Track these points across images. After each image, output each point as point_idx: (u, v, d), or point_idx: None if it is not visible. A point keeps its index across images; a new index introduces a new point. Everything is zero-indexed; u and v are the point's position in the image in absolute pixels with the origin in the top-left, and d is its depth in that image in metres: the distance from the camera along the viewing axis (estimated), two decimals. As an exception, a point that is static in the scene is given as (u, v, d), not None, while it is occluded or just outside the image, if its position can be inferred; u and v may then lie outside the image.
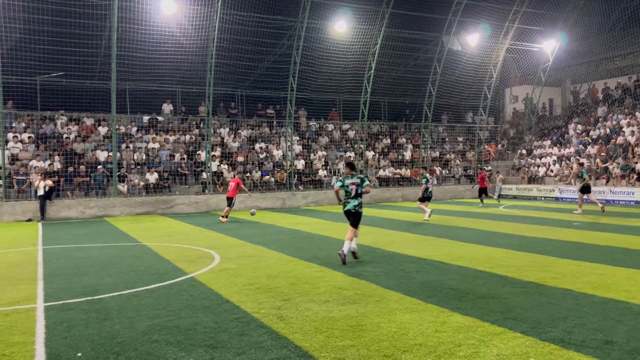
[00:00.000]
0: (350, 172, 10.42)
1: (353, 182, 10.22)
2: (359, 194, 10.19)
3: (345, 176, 10.48)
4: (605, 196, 24.58)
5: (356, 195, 10.18)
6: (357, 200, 10.19)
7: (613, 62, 31.80)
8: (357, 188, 10.17)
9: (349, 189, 10.23)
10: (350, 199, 10.21)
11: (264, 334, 5.75)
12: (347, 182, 10.28)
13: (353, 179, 10.25)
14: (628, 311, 6.34)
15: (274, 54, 28.11)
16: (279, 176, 26.33)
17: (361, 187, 10.18)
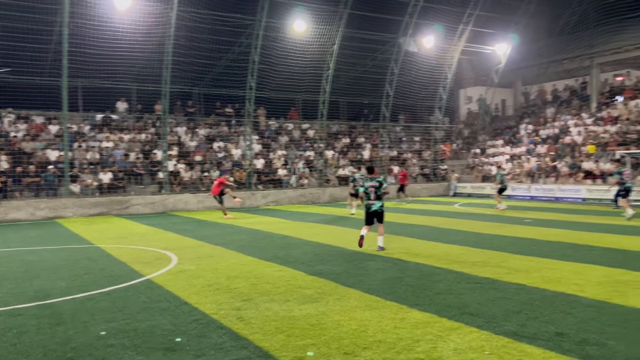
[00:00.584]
0: (369, 176, 11.33)
1: (372, 184, 11.07)
2: (378, 195, 11.04)
3: (365, 179, 11.42)
4: (554, 193, 25.53)
5: (377, 197, 11.05)
6: (380, 201, 11.08)
7: (561, 64, 33.04)
8: (376, 190, 11.03)
9: (369, 191, 11.10)
10: (372, 201, 11.07)
11: (224, 335, 5.70)
12: (366, 185, 11.18)
13: (372, 182, 11.10)
14: (577, 304, 6.61)
15: (232, 52, 27.82)
16: (237, 175, 26.10)
17: (380, 189, 11.03)
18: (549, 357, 4.82)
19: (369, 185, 11.11)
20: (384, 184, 11.15)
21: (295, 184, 27.46)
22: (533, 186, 26.93)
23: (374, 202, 11.06)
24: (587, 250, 10.63)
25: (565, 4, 31.93)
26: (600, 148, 25.79)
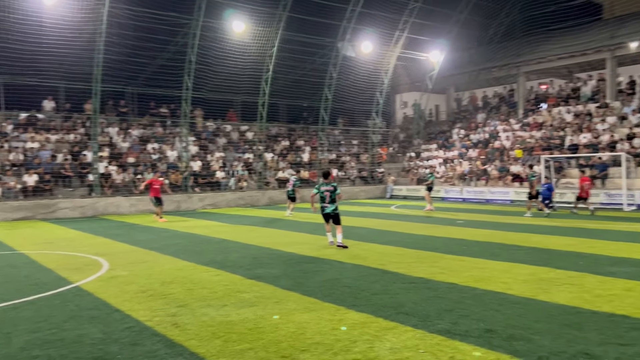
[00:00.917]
0: (325, 180, 11.97)
1: (327, 189, 11.78)
2: (333, 199, 11.74)
3: (320, 184, 12.00)
4: (484, 196, 26.64)
5: (331, 200, 11.75)
6: (334, 204, 11.79)
7: (490, 72, 34.57)
8: (330, 194, 11.74)
9: (324, 194, 11.78)
10: (327, 204, 11.78)
11: (158, 343, 5.53)
12: (322, 189, 11.84)
13: (327, 187, 11.80)
14: (505, 301, 6.91)
15: (168, 52, 27.13)
16: (173, 178, 25.45)
17: (334, 193, 11.74)
18: (479, 353, 5.01)
19: (324, 189, 11.77)
20: (338, 189, 11.86)
21: (233, 187, 27.13)
22: (465, 189, 27.99)
23: (328, 205, 11.78)
24: (514, 250, 11.15)
25: (494, 15, 33.50)
26: (527, 152, 27.18)
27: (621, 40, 27.46)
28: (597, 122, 25.83)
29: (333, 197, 11.76)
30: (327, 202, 11.80)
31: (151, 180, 20.06)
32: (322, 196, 11.84)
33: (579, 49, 29.23)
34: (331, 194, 11.76)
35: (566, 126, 27.02)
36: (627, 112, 25.72)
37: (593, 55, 29.04)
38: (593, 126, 25.64)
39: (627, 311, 6.28)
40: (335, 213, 11.80)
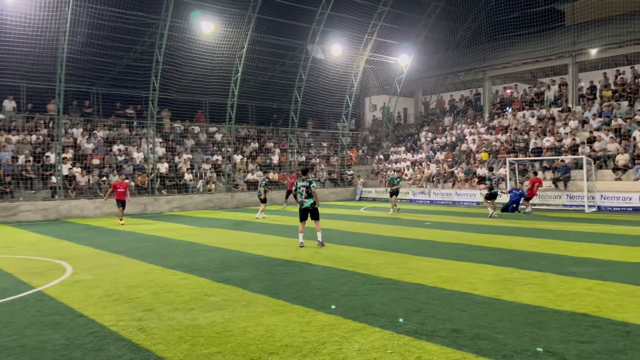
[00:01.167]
0: (303, 177, 12.53)
1: (303, 184, 12.27)
2: (309, 194, 12.18)
3: (298, 179, 12.58)
4: (451, 198, 27.06)
5: (307, 195, 12.18)
6: (311, 199, 12.21)
7: (457, 76, 35.21)
8: (306, 189, 12.19)
9: (300, 190, 12.28)
10: (304, 199, 12.24)
11: (123, 347, 5.43)
12: (299, 184, 12.36)
13: (304, 182, 12.28)
14: (471, 301, 7.04)
15: (134, 51, 26.67)
16: (140, 180, 25.01)
17: (309, 188, 12.16)
18: (446, 353, 5.09)
19: (300, 185, 12.30)
20: (313, 183, 12.33)
21: (201, 189, 26.83)
22: (432, 191, 28.38)
23: (305, 200, 12.24)
24: (480, 251, 11.37)
25: (461, 20, 34.12)
26: (492, 155, 27.75)
27: (582, 46, 28.34)
28: (560, 126, 26.57)
29: (309, 192, 12.20)
30: (304, 197, 12.24)
31: (115, 183, 19.47)
32: (299, 192, 12.32)
33: (543, 55, 30.04)
34: (306, 188, 12.20)
35: (530, 130, 27.70)
36: (588, 116, 26.53)
37: (556, 60, 29.88)
38: (556, 130, 26.36)
39: (587, 309, 6.48)
40: (313, 207, 12.23)
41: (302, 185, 12.30)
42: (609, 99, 26.92)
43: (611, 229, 14.92)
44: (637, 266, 9.24)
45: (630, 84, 26.76)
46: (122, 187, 19.18)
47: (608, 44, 27.27)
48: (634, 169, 21.74)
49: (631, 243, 12.06)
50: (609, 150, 23.24)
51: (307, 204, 12.26)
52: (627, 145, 22.73)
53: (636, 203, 20.47)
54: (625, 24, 26.58)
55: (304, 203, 12.28)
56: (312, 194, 12.22)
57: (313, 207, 12.26)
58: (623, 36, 26.62)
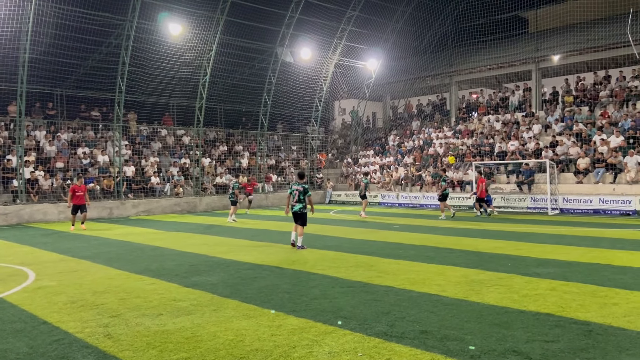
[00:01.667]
0: (298, 181, 12.68)
1: (297, 188, 12.40)
2: (301, 199, 12.35)
3: (294, 183, 12.76)
4: (419, 201, 27.42)
5: (299, 199, 12.35)
6: (301, 203, 12.38)
7: (425, 81, 35.73)
8: (299, 194, 12.34)
9: (294, 193, 12.43)
10: (294, 202, 12.40)
11: (90, 355, 5.30)
12: (293, 188, 12.50)
13: (298, 186, 12.42)
14: (439, 303, 7.14)
15: (99, 53, 26.15)
16: (105, 183, 24.50)
17: (303, 194, 12.35)
18: (415, 355, 5.15)
19: (295, 188, 12.48)
20: (308, 191, 12.47)
21: (169, 193, 26.45)
22: (400, 194, 28.70)
23: (295, 204, 12.42)
24: (447, 253, 11.55)
25: (428, 25, 34.66)
26: (459, 159, 28.25)
27: (545, 53, 29.16)
28: (524, 131, 27.24)
29: (301, 197, 12.36)
30: (295, 200, 12.42)
31: (73, 187, 18.62)
32: (292, 195, 12.53)
33: (507, 61, 30.78)
34: (300, 193, 12.36)
35: (495, 134, 28.31)
36: (550, 121, 27.29)
37: (520, 66, 30.65)
38: (520, 134, 27.01)
39: (551, 309, 6.65)
40: (302, 212, 12.36)
41: (296, 189, 12.45)
42: (570, 104, 27.76)
43: (573, 231, 15.37)
44: (597, 267, 9.55)
45: (591, 90, 27.66)
46: (81, 190, 18.51)
47: (569, 50, 28.15)
48: (594, 172, 22.46)
49: (592, 244, 12.45)
50: (571, 154, 23.96)
51: (296, 207, 12.40)
52: (588, 150, 23.48)
53: (596, 205, 21.16)
54: (586, 32, 27.50)
55: (294, 207, 12.43)
56: (305, 199, 12.39)
57: (301, 211, 12.37)
58: (583, 43, 27.52)
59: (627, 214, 20.12)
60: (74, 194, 18.36)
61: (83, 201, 18.48)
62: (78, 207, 18.45)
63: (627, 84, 26.44)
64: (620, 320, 6.14)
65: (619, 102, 25.89)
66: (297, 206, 12.40)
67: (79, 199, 18.39)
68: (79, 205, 18.44)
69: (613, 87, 26.91)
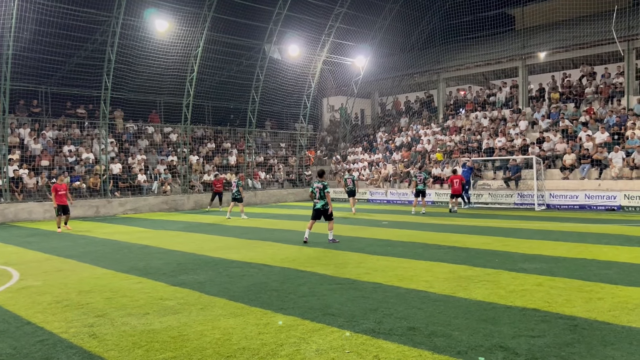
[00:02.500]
0: (319, 179, 13.19)
1: (317, 186, 12.92)
2: (322, 196, 12.79)
3: (314, 181, 13.21)
4: (407, 197, 27.47)
5: (320, 196, 12.79)
6: (323, 200, 12.81)
7: (412, 78, 35.80)
8: (320, 191, 12.83)
9: (315, 190, 12.96)
10: (317, 200, 12.87)
11: (74, 355, 5.24)
12: (314, 185, 13.02)
13: (318, 184, 12.94)
14: (427, 299, 7.16)
15: (85, 50, 25.87)
16: (91, 182, 24.26)
17: (323, 191, 12.82)
18: (403, 351, 5.15)
19: (315, 186, 12.97)
20: (327, 187, 12.92)
21: (156, 191, 26.27)
22: (389, 190, 28.75)
23: (318, 201, 12.86)
24: (435, 249, 11.59)
25: (416, 22, 34.73)
26: (447, 155, 28.36)
27: (531, 50, 29.34)
28: (511, 127, 27.41)
29: (322, 194, 12.80)
30: (317, 198, 12.86)
31: (55, 186, 17.60)
32: (313, 192, 12.99)
33: (494, 58, 30.93)
34: (320, 190, 12.82)
35: (483, 130, 28.46)
36: (537, 117, 27.48)
37: (506, 63, 30.82)
38: (507, 131, 27.17)
39: (537, 305, 6.70)
40: (325, 209, 12.80)
41: (317, 187, 12.93)
42: (556, 100, 27.98)
43: (559, 227, 15.51)
44: (583, 262, 9.63)
45: (577, 87, 27.89)
46: (62, 189, 17.53)
47: (555, 47, 28.34)
48: (580, 168, 22.67)
49: (578, 240, 12.56)
50: (557, 151, 24.16)
51: (318, 204, 12.85)
52: (574, 146, 23.68)
53: (582, 201, 21.36)
54: (571, 29, 27.70)
55: (317, 204, 12.91)
56: (325, 196, 12.79)
57: (324, 208, 12.80)
58: (569, 40, 27.73)
59: (612, 209, 20.34)
60: (57, 194, 17.42)
61: (66, 201, 17.56)
62: (62, 207, 17.50)
63: (612, 81, 26.70)
64: (606, 314, 6.20)
65: (604, 98, 26.14)
66: (320, 203, 12.83)
67: (62, 198, 17.49)
68: (63, 206, 17.50)
69: (598, 84, 27.17)
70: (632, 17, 25.49)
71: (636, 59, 26.43)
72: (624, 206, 20.09)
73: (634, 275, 8.34)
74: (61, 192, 17.46)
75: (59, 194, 17.43)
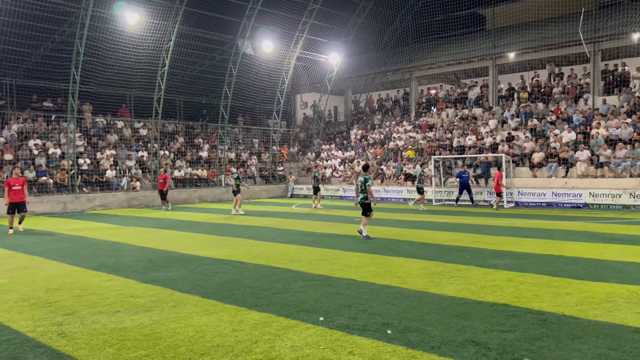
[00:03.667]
0: (363, 173, 13.61)
1: (361, 179, 13.31)
2: (363, 189, 13.18)
3: (360, 174, 13.73)
4: (380, 194, 27.67)
5: (362, 190, 13.19)
6: (363, 194, 13.18)
7: (385, 76, 36.02)
8: (361, 185, 13.24)
9: (359, 184, 13.32)
10: (359, 193, 13.28)
11: (42, 355, 5.11)
12: (359, 179, 13.42)
13: (361, 178, 13.33)
14: (400, 295, 7.22)
15: (52, 41, 25.17)
16: (58, 177, 23.67)
17: (364, 184, 13.16)
18: (377, 347, 5.19)
19: (360, 180, 13.36)
20: (368, 181, 13.29)
21: (126, 187, 25.79)
22: (362, 187, 28.84)
23: (360, 194, 13.23)
24: (408, 245, 11.70)
25: (389, 21, 34.93)
26: (418, 153, 28.65)
27: (501, 50, 29.84)
28: (481, 125, 27.85)
29: (362, 188, 13.15)
30: (360, 191, 13.26)
31: (9, 180, 15.54)
32: (359, 186, 13.37)
33: (465, 57, 31.35)
34: (361, 184, 13.18)
35: (454, 129, 28.85)
36: (506, 116, 28.00)
37: (477, 63, 31.28)
38: (477, 129, 27.61)
39: (508, 300, 6.83)
40: (364, 203, 13.14)
41: (360, 180, 13.33)
42: (525, 100, 28.55)
43: (528, 223, 15.85)
44: (551, 258, 9.87)
45: (545, 87, 28.51)
46: (18, 184, 15.41)
47: (525, 48, 28.89)
48: (548, 166, 23.20)
49: (546, 236, 12.86)
50: (526, 149, 24.66)
51: (359, 198, 13.26)
52: (542, 144, 24.21)
53: (550, 199, 21.87)
54: (540, 30, 28.28)
55: (359, 197, 13.31)
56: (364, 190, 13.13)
57: (362, 202, 13.14)
58: (538, 41, 28.30)
59: (578, 206, 20.88)
60: (11, 189, 15.34)
61: (22, 197, 15.49)
62: (16, 205, 15.43)
63: (579, 81, 27.38)
64: (573, 309, 6.36)
65: (571, 98, 26.80)
66: (360, 197, 13.23)
67: (17, 194, 15.37)
68: (16, 203, 15.42)
69: (565, 84, 27.83)
70: (598, 20, 26.18)
71: (601, 60, 27.17)
72: (589, 204, 20.64)
73: (599, 270, 8.59)
74: (15, 188, 15.38)
75: (12, 189, 15.35)
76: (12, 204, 15.40)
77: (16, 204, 15.44)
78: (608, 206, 20.21)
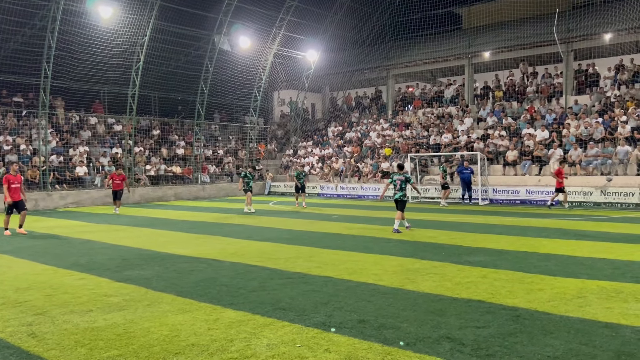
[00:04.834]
0: (399, 171, 14.04)
1: (399, 178, 13.70)
2: (402, 187, 13.62)
3: (394, 173, 14.21)
4: (357, 192, 27.79)
5: (401, 188, 13.60)
6: (402, 192, 13.60)
7: (363, 74, 36.12)
8: (401, 183, 13.63)
9: (395, 182, 13.72)
10: (397, 191, 13.60)
11: (12, 356, 4.98)
12: (395, 178, 13.83)
13: (400, 176, 13.75)
14: (376, 292, 7.25)
15: (23, 35, 24.57)
16: (29, 174, 23.13)
17: (405, 183, 13.67)
18: (353, 344, 5.19)
19: (396, 178, 13.75)
20: (411, 179, 13.91)
21: (99, 184, 25.35)
22: (339, 185, 28.96)
23: (398, 192, 13.58)
24: (384, 243, 11.76)
25: (366, 18, 35.03)
26: (395, 151, 28.82)
27: (477, 49, 30.19)
28: (457, 124, 28.15)
29: (403, 185, 13.61)
30: (397, 189, 13.61)
31: (7, 176, 14.28)
32: (394, 184, 13.72)
33: (441, 56, 31.64)
34: (402, 182, 13.63)
35: (430, 127, 29.09)
36: (482, 114, 28.35)
37: (453, 61, 31.59)
38: (453, 127, 27.89)
39: (482, 296, 6.91)
40: (402, 200, 13.53)
41: (398, 179, 13.70)
42: (500, 99, 28.95)
43: (502, 220, 16.08)
44: (525, 254, 10.02)
45: (519, 86, 28.95)
46: (17, 181, 14.18)
47: (500, 47, 29.29)
48: (522, 164, 23.58)
49: (519, 233, 13.06)
50: (500, 147, 25.01)
51: (397, 195, 13.56)
52: (516, 142, 24.59)
53: (523, 196, 22.23)
54: (515, 30, 28.69)
55: (396, 195, 13.62)
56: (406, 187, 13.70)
57: (402, 199, 13.50)
58: (513, 41, 28.72)
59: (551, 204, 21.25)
60: (10, 187, 14.02)
61: (20, 196, 14.26)
62: (15, 204, 14.19)
63: (552, 81, 27.87)
64: (545, 305, 6.47)
65: (545, 97, 27.26)
66: (399, 194, 13.55)
67: (16, 192, 14.14)
68: (16, 202, 14.17)
69: (539, 83, 28.30)
70: (572, 21, 26.68)
71: (574, 60, 27.70)
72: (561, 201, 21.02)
73: (570, 267, 8.76)
74: (14, 185, 14.09)
75: (12, 187, 14.04)
76: (12, 203, 14.13)
77: (15, 204, 14.21)
78: (580, 203, 20.63)
